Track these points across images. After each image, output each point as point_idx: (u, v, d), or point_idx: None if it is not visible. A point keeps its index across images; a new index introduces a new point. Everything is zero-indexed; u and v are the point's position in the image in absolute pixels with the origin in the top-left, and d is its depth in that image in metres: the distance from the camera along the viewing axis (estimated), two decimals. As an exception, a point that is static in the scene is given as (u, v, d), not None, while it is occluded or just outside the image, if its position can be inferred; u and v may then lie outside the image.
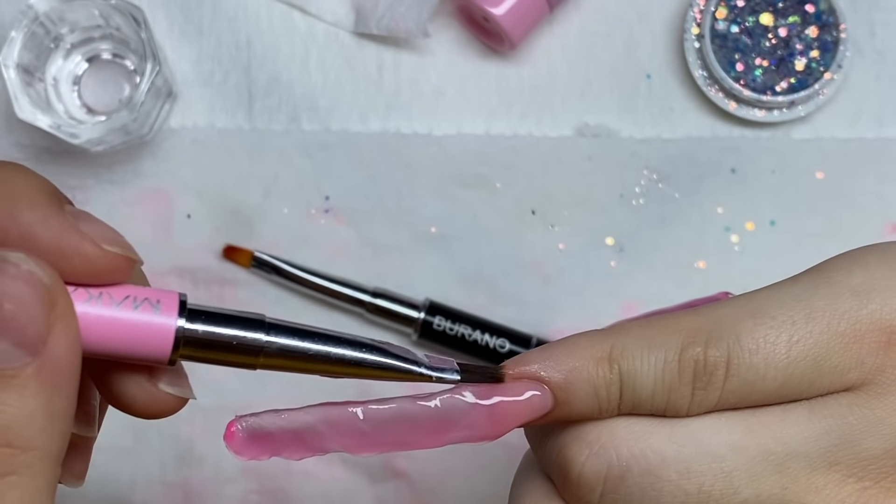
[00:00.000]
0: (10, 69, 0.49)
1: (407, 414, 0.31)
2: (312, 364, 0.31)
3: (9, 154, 0.53)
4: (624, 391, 0.31)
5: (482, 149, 0.54)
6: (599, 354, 0.31)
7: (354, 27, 0.54)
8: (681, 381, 0.30)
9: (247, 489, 0.53)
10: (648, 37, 0.55)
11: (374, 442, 0.32)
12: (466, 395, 0.31)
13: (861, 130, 0.54)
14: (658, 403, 0.31)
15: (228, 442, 0.32)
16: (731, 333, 0.30)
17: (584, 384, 0.31)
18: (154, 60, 0.49)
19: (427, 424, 0.31)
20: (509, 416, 0.31)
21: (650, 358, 0.31)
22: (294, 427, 0.32)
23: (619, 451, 0.30)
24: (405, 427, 0.31)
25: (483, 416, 0.31)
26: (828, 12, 0.53)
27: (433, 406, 0.31)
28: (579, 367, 0.31)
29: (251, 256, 0.53)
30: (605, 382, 0.31)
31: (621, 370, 0.31)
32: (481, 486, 0.53)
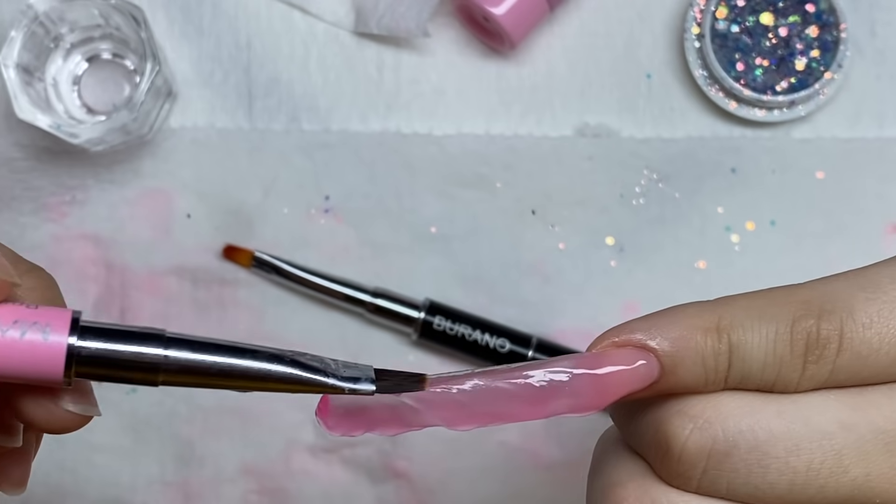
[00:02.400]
0: (10, 69, 0.49)
1: (507, 387, 0.30)
2: (217, 379, 0.30)
3: (9, 154, 0.53)
4: (733, 362, 0.30)
5: (482, 149, 0.54)
6: (708, 324, 0.30)
7: (354, 27, 0.54)
8: (792, 354, 0.30)
9: (247, 489, 0.53)
10: (649, 36, 0.55)
11: (472, 414, 0.30)
12: (572, 367, 0.30)
13: (861, 130, 0.54)
14: (767, 377, 0.30)
15: (321, 417, 0.31)
16: (844, 307, 0.30)
17: (691, 353, 0.30)
18: (154, 60, 0.49)
19: (529, 396, 0.30)
20: (616, 384, 0.30)
21: (761, 329, 0.30)
22: (390, 402, 0.31)
23: (725, 426, 0.29)
24: (505, 399, 0.30)
25: (589, 385, 0.30)
26: (828, 12, 0.53)
27: (536, 379, 0.30)
28: (687, 336, 0.30)
29: (251, 256, 0.53)
30: (714, 353, 0.30)
31: (731, 341, 0.30)
32: (481, 486, 0.53)
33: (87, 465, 0.53)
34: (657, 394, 0.31)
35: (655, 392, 0.31)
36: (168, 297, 0.53)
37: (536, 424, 0.53)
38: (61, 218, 0.54)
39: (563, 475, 0.53)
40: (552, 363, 0.30)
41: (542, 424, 0.53)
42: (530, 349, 0.52)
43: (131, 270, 0.54)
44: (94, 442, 0.53)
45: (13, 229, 0.54)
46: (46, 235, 0.54)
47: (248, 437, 0.53)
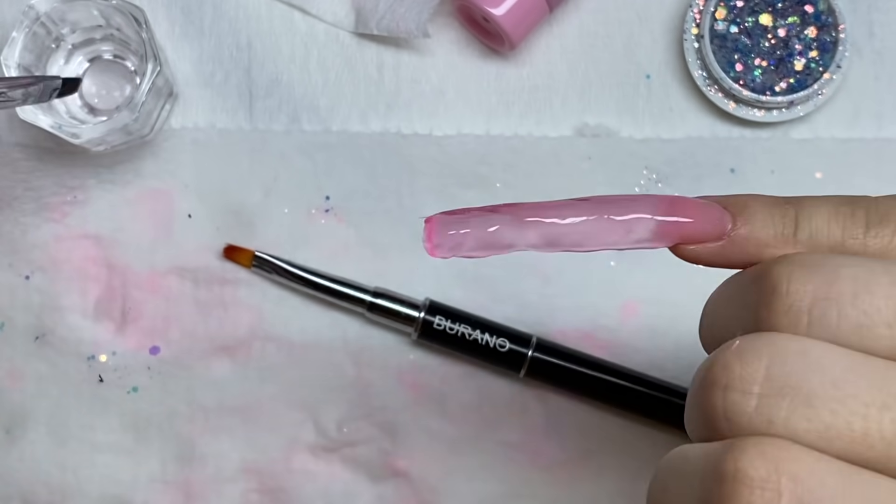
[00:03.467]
0: (12, 69, 0.49)
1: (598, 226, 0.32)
2: None
3: (10, 154, 0.54)
4: (800, 219, 0.31)
5: (482, 149, 0.54)
6: (774, 198, 0.32)
7: (354, 27, 0.55)
8: (854, 216, 0.31)
9: (247, 488, 0.53)
10: (648, 37, 0.55)
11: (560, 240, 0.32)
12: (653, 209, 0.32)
13: (860, 131, 0.54)
14: (834, 233, 0.31)
15: (427, 225, 0.32)
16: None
17: (760, 207, 0.31)
18: (155, 61, 0.50)
19: (613, 230, 0.32)
20: (689, 206, 0.32)
21: (822, 200, 0.31)
22: (489, 224, 0.32)
23: (825, 262, 0.29)
24: (594, 231, 0.32)
25: (665, 202, 0.32)
26: (827, 13, 0.53)
27: (620, 219, 0.32)
28: (755, 198, 0.32)
29: (252, 256, 0.53)
30: (782, 210, 0.31)
31: (796, 206, 0.31)
32: (481, 486, 0.53)
33: (88, 464, 0.53)
34: (732, 253, 0.32)
35: (730, 249, 0.32)
36: (169, 296, 0.54)
37: (537, 425, 0.53)
38: (62, 218, 0.54)
39: (563, 475, 0.53)
40: (636, 205, 0.32)
41: (542, 424, 0.53)
42: (530, 349, 0.52)
43: (132, 270, 0.54)
44: (95, 441, 0.53)
45: (14, 229, 0.54)
46: (48, 235, 0.54)
47: (248, 437, 0.53)
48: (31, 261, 0.54)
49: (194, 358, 0.53)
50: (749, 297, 0.30)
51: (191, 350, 0.53)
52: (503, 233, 0.32)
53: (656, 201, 0.32)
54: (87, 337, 0.53)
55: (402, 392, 0.53)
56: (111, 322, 0.54)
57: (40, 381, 0.53)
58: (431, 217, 0.32)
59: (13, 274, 0.54)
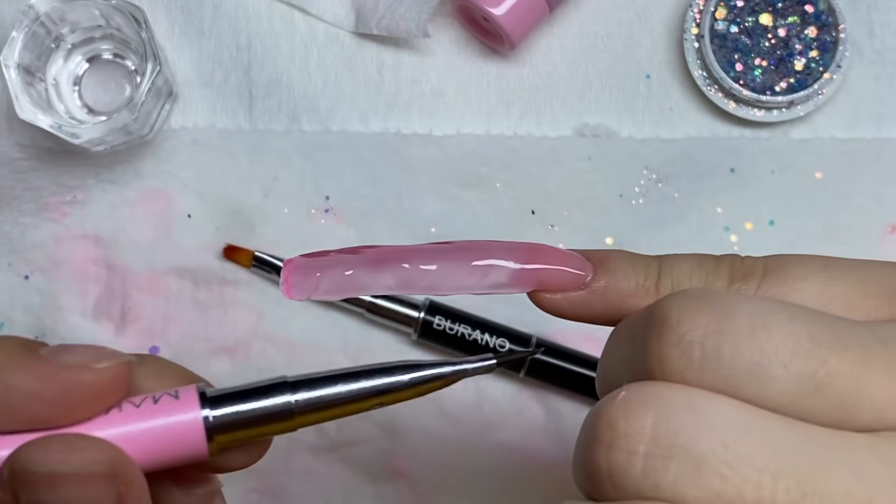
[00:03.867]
0: (11, 69, 0.49)
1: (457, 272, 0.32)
2: (350, 405, 0.31)
3: (10, 154, 0.54)
4: (662, 271, 0.30)
5: (482, 149, 0.54)
6: (636, 253, 0.31)
7: (354, 28, 0.55)
8: (717, 269, 0.30)
9: (247, 488, 0.53)
10: (648, 37, 0.55)
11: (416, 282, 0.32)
12: (509, 257, 0.32)
13: (860, 131, 0.54)
14: (696, 285, 0.30)
15: (285, 267, 0.32)
16: (767, 256, 0.30)
17: (622, 259, 0.31)
18: (155, 60, 0.50)
19: (472, 277, 0.32)
20: (549, 254, 0.31)
21: (685, 256, 0.31)
22: (345, 265, 0.32)
23: (721, 299, 0.27)
24: (452, 276, 0.32)
25: (524, 249, 0.32)
26: (827, 12, 0.53)
27: (482, 267, 0.32)
28: (617, 251, 0.32)
29: (252, 256, 0.53)
30: (644, 262, 0.31)
31: (659, 260, 0.31)
32: (481, 486, 0.53)
33: (88, 465, 0.53)
34: (594, 303, 0.31)
35: (591, 300, 0.31)
36: (168, 296, 0.54)
37: (536, 425, 0.53)
38: (62, 218, 0.54)
39: (563, 474, 0.53)
40: (494, 251, 0.32)
41: (542, 425, 0.53)
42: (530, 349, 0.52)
43: (132, 270, 0.54)
44: (95, 441, 0.53)
45: (14, 229, 0.54)
46: (47, 235, 0.54)
47: (248, 437, 0.53)
48: (30, 261, 0.54)
49: (194, 358, 0.53)
50: (638, 334, 0.28)
51: (190, 350, 0.53)
52: (358, 276, 0.32)
53: (515, 248, 0.32)
54: (87, 337, 0.53)
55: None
56: (111, 322, 0.54)
57: (40, 382, 0.53)
58: (291, 260, 0.32)
59: (13, 274, 0.54)
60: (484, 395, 0.53)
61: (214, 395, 0.30)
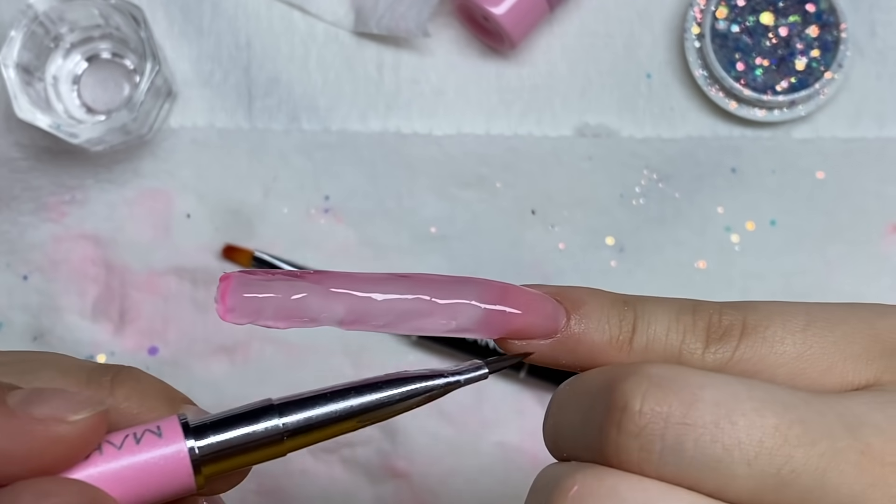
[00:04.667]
0: (10, 68, 0.49)
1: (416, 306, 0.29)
2: (341, 424, 0.29)
3: (8, 153, 0.53)
4: (638, 324, 0.29)
5: (482, 149, 0.54)
6: (614, 297, 0.30)
7: (354, 27, 0.54)
8: (695, 327, 0.29)
9: (246, 489, 0.53)
10: (649, 36, 0.55)
11: (373, 318, 0.29)
12: (480, 298, 0.29)
13: (861, 130, 0.54)
14: (672, 344, 0.29)
15: (222, 283, 0.29)
16: (748, 305, 0.29)
17: (598, 306, 0.29)
18: (154, 60, 0.49)
19: (432, 292, 0.29)
20: (520, 297, 0.29)
21: (664, 306, 0.29)
22: (293, 292, 0.29)
23: (681, 381, 0.26)
24: (411, 314, 0.29)
25: (496, 289, 0.29)
26: (828, 12, 0.53)
27: (444, 303, 0.29)
28: (593, 294, 0.30)
29: (251, 256, 0.53)
30: (619, 312, 0.29)
31: (636, 308, 0.29)
32: (481, 486, 0.53)
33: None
34: (561, 354, 0.30)
35: (559, 350, 0.29)
36: (168, 296, 0.53)
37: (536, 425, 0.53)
38: (61, 218, 0.54)
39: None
40: (462, 289, 0.29)
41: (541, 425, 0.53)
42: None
43: (131, 270, 0.54)
44: (94, 442, 0.53)
45: (13, 229, 0.54)
46: (46, 235, 0.54)
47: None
48: (29, 261, 0.54)
49: (193, 358, 0.53)
50: (596, 409, 0.27)
51: (189, 350, 0.53)
52: (309, 302, 0.29)
53: (485, 287, 0.29)
54: (86, 337, 0.53)
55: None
56: (109, 322, 0.53)
57: (39, 382, 0.53)
58: (229, 275, 0.28)
59: (11, 274, 0.54)
60: (484, 395, 0.53)
61: (198, 424, 0.29)
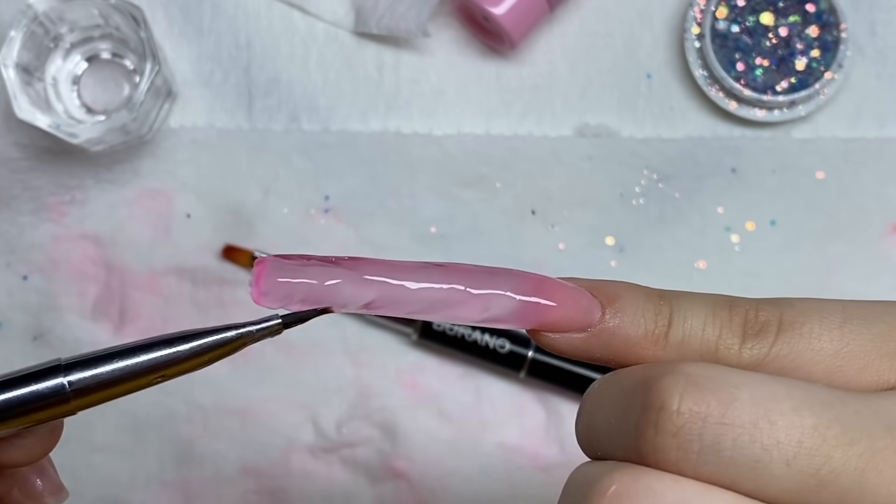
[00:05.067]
0: (10, 69, 0.49)
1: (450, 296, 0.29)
2: (132, 382, 0.29)
3: (8, 153, 0.53)
4: (674, 318, 0.29)
5: (482, 149, 0.54)
6: (649, 291, 0.29)
7: (354, 27, 0.54)
8: (731, 323, 0.28)
9: (246, 489, 0.53)
10: (649, 36, 0.55)
11: (408, 305, 0.29)
12: (514, 287, 0.29)
13: (862, 130, 0.54)
14: (708, 339, 0.28)
15: (257, 266, 0.29)
16: (783, 301, 0.29)
17: (633, 300, 0.29)
18: (153, 60, 0.49)
19: (469, 303, 0.29)
20: (557, 290, 0.29)
21: (700, 301, 0.29)
22: (330, 277, 0.29)
23: (718, 378, 0.26)
24: (444, 303, 0.29)
25: (532, 280, 0.29)
26: (828, 12, 0.53)
27: (477, 293, 0.28)
28: (629, 288, 0.29)
29: (251, 256, 0.53)
30: (655, 307, 0.29)
31: (672, 303, 0.29)
32: (481, 486, 0.53)
33: (87, 465, 0.53)
34: (595, 348, 0.29)
35: (593, 343, 0.29)
36: (167, 296, 0.53)
37: (536, 425, 0.53)
38: (61, 218, 0.54)
39: (563, 475, 0.53)
40: (497, 280, 0.29)
41: (542, 425, 0.53)
42: (530, 349, 0.52)
43: (131, 270, 0.54)
44: (94, 441, 0.53)
45: (13, 229, 0.54)
46: (46, 235, 0.54)
47: (247, 437, 0.53)
48: (29, 261, 0.54)
49: (193, 358, 0.53)
50: (632, 408, 0.26)
51: (189, 350, 0.53)
52: (342, 288, 0.28)
53: (521, 278, 0.29)
54: (86, 337, 0.53)
55: (401, 393, 0.53)
56: (109, 322, 0.53)
57: (38, 382, 0.53)
58: (263, 259, 0.29)
59: (11, 274, 0.54)
60: (484, 396, 0.53)
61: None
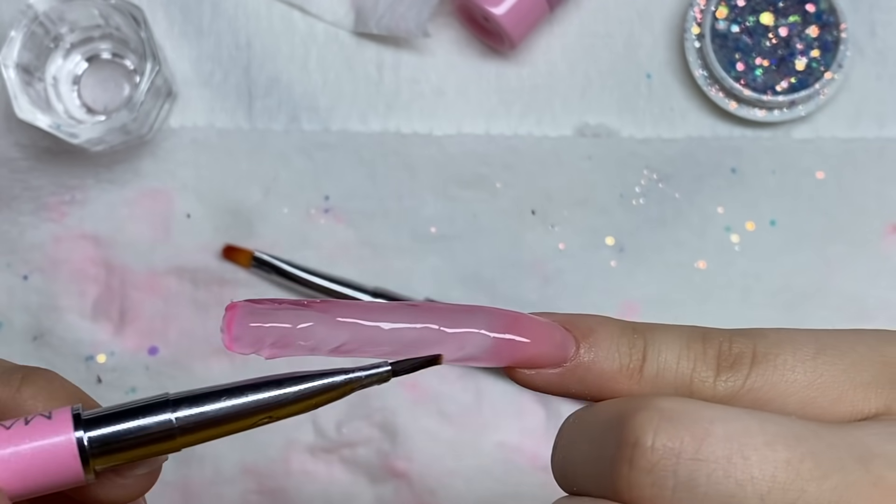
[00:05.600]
0: (10, 69, 0.49)
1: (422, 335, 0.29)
2: (238, 422, 0.29)
3: (8, 153, 0.53)
4: (648, 352, 0.29)
5: (482, 149, 0.54)
6: (623, 324, 0.30)
7: (354, 27, 0.54)
8: (706, 356, 0.28)
9: (246, 489, 0.53)
10: (649, 37, 0.55)
11: (381, 345, 0.29)
12: (488, 326, 0.29)
13: (861, 130, 0.54)
14: (683, 372, 0.28)
15: (228, 313, 0.29)
16: (756, 332, 0.29)
17: (607, 335, 0.29)
18: (154, 60, 0.49)
19: (440, 320, 0.29)
20: (530, 327, 0.29)
21: (674, 334, 0.29)
22: (299, 318, 0.29)
23: (693, 416, 0.26)
24: (418, 342, 0.29)
25: (505, 318, 0.29)
26: (828, 12, 0.53)
27: (452, 333, 0.29)
28: (602, 322, 0.30)
29: (251, 256, 0.53)
30: (629, 340, 0.29)
31: (646, 338, 0.29)
32: (481, 487, 0.53)
33: (87, 465, 0.53)
34: (571, 383, 0.29)
35: (569, 379, 0.29)
36: (168, 296, 0.53)
37: (536, 425, 0.53)
38: (61, 218, 0.54)
39: (563, 475, 0.53)
40: (471, 318, 0.29)
41: (542, 425, 0.53)
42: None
43: (131, 270, 0.54)
44: (94, 442, 0.53)
45: (13, 229, 0.54)
46: (46, 235, 0.54)
47: (247, 437, 0.53)
48: (29, 261, 0.54)
49: (193, 358, 0.53)
50: (607, 444, 0.26)
51: (189, 350, 0.53)
52: (315, 331, 0.29)
53: (494, 316, 0.29)
54: (86, 337, 0.53)
55: (401, 393, 0.53)
56: (109, 322, 0.53)
57: (39, 382, 0.53)
58: (235, 304, 0.29)
59: (11, 274, 0.54)
60: (484, 396, 0.53)
61: (91, 416, 0.29)
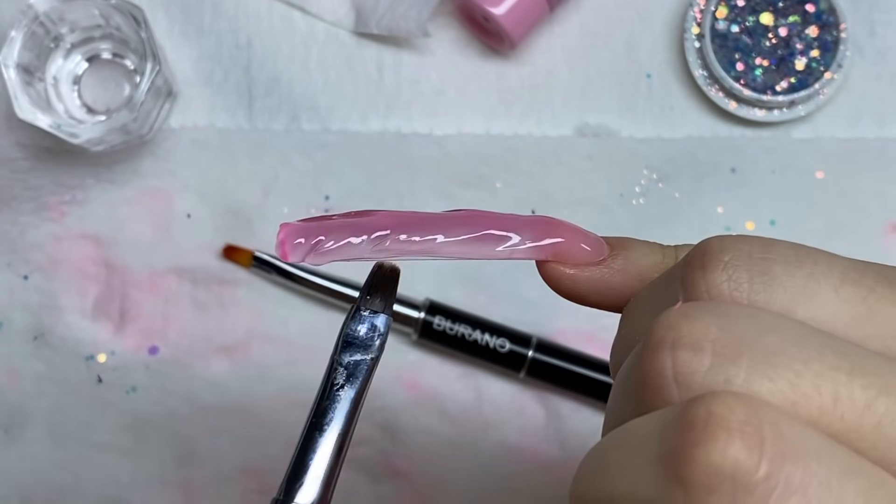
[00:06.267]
0: (10, 69, 0.49)
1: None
2: None
3: (9, 153, 0.53)
4: (679, 254, 0.30)
5: (482, 149, 0.54)
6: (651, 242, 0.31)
7: (354, 27, 0.54)
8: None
9: (247, 489, 0.53)
10: (649, 36, 0.55)
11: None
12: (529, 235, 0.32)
13: (861, 130, 0.54)
14: None
15: (281, 230, 0.32)
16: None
17: (638, 243, 0.31)
18: (154, 60, 0.49)
19: (479, 227, 0.32)
20: (565, 229, 0.31)
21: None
22: (351, 227, 0.32)
23: (754, 236, 0.27)
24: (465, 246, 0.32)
25: (540, 223, 0.31)
26: (828, 12, 0.53)
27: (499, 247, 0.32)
28: (632, 238, 0.31)
29: (251, 256, 0.53)
30: (660, 247, 0.30)
31: (676, 246, 0.30)
32: (481, 486, 0.53)
33: (87, 464, 0.53)
34: (612, 278, 0.31)
35: (610, 275, 0.31)
36: (168, 296, 0.53)
37: (536, 425, 0.53)
38: (61, 217, 0.54)
39: (563, 474, 0.53)
40: (511, 230, 0.32)
41: (542, 425, 0.53)
42: (530, 349, 0.52)
43: (131, 270, 0.54)
44: (94, 441, 0.53)
45: (13, 228, 0.54)
46: (46, 235, 0.54)
47: (248, 437, 0.53)
48: (29, 260, 0.54)
49: (193, 358, 0.53)
50: (672, 280, 0.27)
51: (190, 350, 0.53)
52: (358, 242, 0.32)
53: (531, 222, 0.31)
54: (86, 337, 0.53)
55: (401, 392, 0.53)
56: (110, 322, 0.54)
57: (39, 381, 0.53)
58: (287, 224, 0.32)
59: (11, 274, 0.54)
60: (484, 395, 0.53)
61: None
